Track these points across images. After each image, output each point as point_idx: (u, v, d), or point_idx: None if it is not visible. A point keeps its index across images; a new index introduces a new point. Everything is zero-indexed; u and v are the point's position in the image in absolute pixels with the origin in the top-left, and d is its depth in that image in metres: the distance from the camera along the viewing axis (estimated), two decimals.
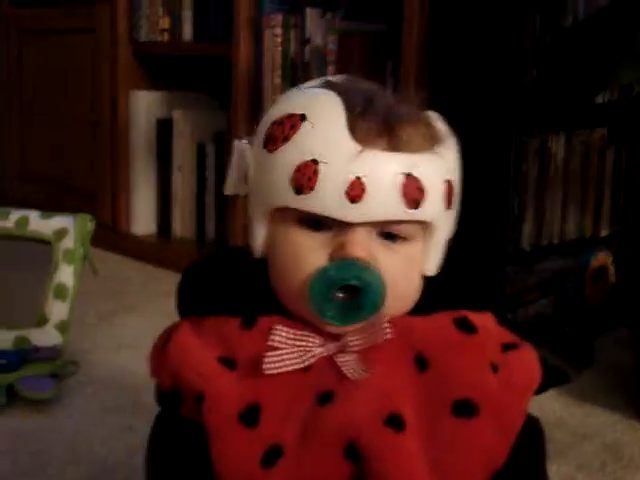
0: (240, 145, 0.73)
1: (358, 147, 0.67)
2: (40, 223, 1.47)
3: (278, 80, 1.91)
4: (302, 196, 0.68)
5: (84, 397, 1.35)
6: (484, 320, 0.72)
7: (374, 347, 0.70)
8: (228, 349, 0.71)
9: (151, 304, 1.84)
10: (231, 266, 0.77)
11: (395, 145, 0.69)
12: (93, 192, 2.35)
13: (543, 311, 1.61)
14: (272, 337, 0.70)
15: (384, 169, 0.67)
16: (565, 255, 1.66)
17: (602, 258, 1.73)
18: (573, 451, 1.22)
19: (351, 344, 0.70)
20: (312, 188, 0.67)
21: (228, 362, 0.71)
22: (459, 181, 0.73)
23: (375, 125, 0.69)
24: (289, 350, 0.69)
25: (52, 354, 1.38)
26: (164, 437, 0.74)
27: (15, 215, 1.49)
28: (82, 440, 1.21)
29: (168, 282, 2.02)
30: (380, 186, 0.67)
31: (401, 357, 0.69)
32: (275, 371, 0.69)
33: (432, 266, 0.73)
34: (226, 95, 2.05)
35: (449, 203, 0.71)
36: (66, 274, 1.44)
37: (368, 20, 1.82)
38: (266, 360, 0.69)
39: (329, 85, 0.73)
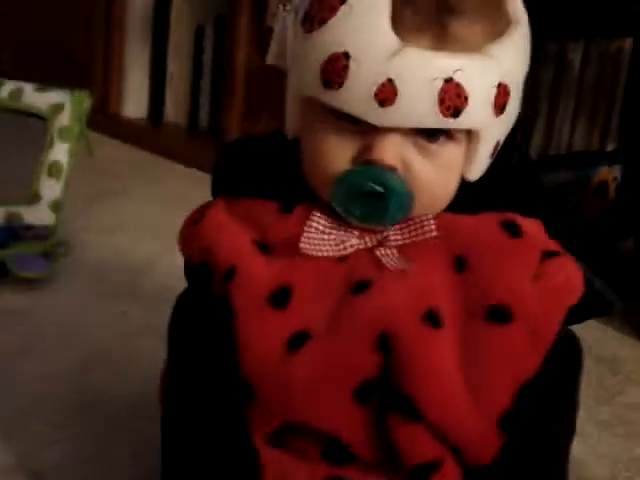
0: (283, 15, 0.69)
1: (396, 43, 0.62)
2: (35, 96, 1.40)
3: None
4: (330, 91, 0.63)
5: (77, 279, 1.32)
6: (531, 226, 0.69)
7: (413, 244, 0.67)
8: (264, 233, 0.69)
9: (142, 189, 1.79)
10: (269, 148, 0.74)
11: (441, 43, 0.62)
12: (84, 72, 2.27)
13: None
14: (310, 223, 0.68)
15: (421, 72, 0.62)
16: (570, 167, 1.63)
17: (604, 173, 1.71)
18: None
19: (392, 238, 0.68)
20: (341, 84, 0.63)
21: (263, 246, 0.69)
22: (520, 81, 0.67)
23: (424, 16, 0.62)
24: (327, 237, 0.67)
25: (44, 233, 1.34)
26: (188, 311, 0.72)
27: (8, 86, 1.42)
28: (75, 323, 1.19)
29: (158, 168, 2.00)
30: (414, 91, 0.62)
31: (440, 256, 0.67)
32: (311, 252, 0.67)
33: (475, 172, 0.68)
34: None
35: (500, 109, 0.65)
36: (61, 152, 1.39)
37: None
38: (303, 239, 0.67)
39: None
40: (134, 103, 2.23)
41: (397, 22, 0.62)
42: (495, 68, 0.64)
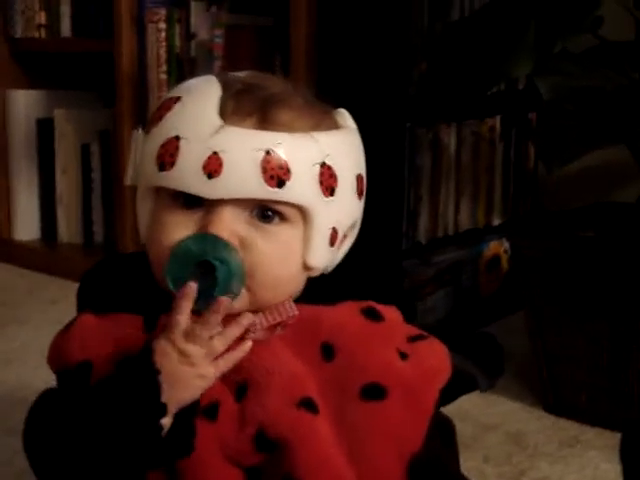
0: (135, 134, 0.73)
1: (219, 123, 0.67)
2: None
3: (164, 76, 1.85)
4: (164, 173, 0.68)
5: None
6: (390, 312, 0.73)
7: (280, 335, 0.69)
8: (128, 352, 0.69)
9: (39, 314, 1.75)
10: (127, 267, 0.76)
11: (263, 124, 0.68)
12: None
13: (441, 303, 1.61)
14: None
15: (242, 145, 0.67)
16: (460, 246, 1.67)
17: (495, 247, 1.76)
18: (478, 443, 1.22)
19: (257, 322, 0.69)
20: (173, 164, 0.67)
21: None
22: (351, 175, 0.71)
23: (248, 105, 0.68)
24: None
25: None
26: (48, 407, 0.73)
27: None
28: None
29: (55, 289, 1.96)
30: (238, 162, 0.66)
31: (307, 346, 0.70)
32: None
33: (314, 258, 0.71)
34: (110, 92, 1.98)
35: (328, 190, 0.68)
36: None
37: (255, 13, 1.79)
38: None
39: (222, 75, 0.73)
40: (26, 226, 2.20)
41: (223, 109, 0.68)
42: (315, 148, 0.68)
